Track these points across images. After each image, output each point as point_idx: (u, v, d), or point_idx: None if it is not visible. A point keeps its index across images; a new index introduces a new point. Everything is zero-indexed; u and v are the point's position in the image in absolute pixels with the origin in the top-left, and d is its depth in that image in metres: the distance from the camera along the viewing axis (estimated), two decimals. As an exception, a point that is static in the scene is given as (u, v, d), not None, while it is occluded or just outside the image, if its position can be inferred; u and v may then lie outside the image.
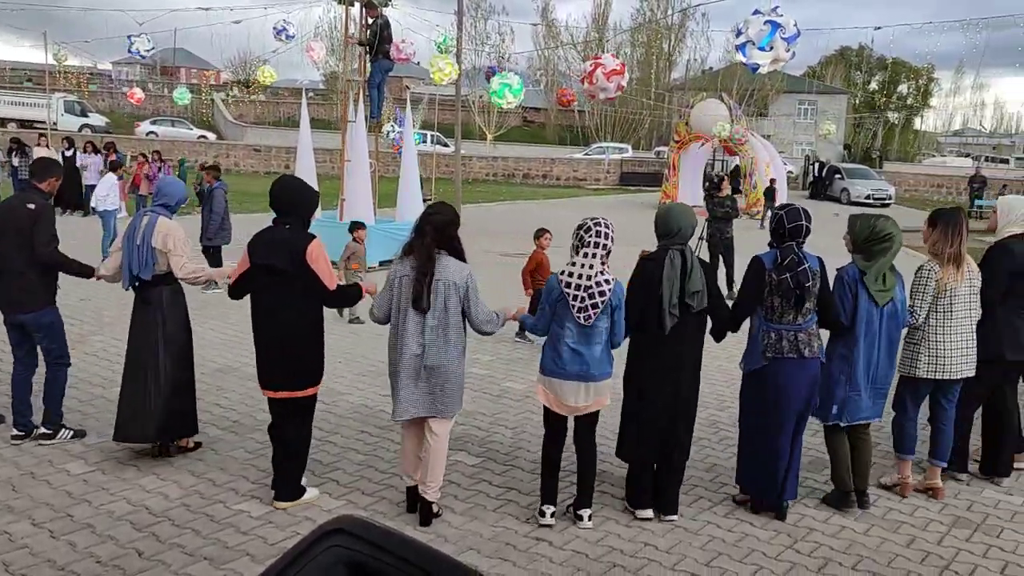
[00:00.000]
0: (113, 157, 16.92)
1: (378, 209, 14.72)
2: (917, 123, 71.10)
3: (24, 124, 36.53)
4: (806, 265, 4.67)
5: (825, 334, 5.02)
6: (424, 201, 16.19)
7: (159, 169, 19.11)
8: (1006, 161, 56.21)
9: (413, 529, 4.60)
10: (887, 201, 32.15)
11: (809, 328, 4.76)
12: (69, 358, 5.81)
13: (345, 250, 9.66)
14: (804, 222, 4.75)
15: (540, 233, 8.86)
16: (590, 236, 4.53)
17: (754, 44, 9.69)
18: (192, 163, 18.81)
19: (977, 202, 29.81)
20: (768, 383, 4.78)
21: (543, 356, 4.69)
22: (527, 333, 8.47)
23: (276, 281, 4.63)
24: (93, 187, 15.45)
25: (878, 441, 5.78)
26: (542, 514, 4.73)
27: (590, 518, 4.74)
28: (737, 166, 27.14)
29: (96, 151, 19.32)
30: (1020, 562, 4.54)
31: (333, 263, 5.03)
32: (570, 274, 4.51)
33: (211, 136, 42.82)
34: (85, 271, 5.69)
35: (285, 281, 4.62)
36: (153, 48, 23.81)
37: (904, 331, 5.22)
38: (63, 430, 5.69)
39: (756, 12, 9.82)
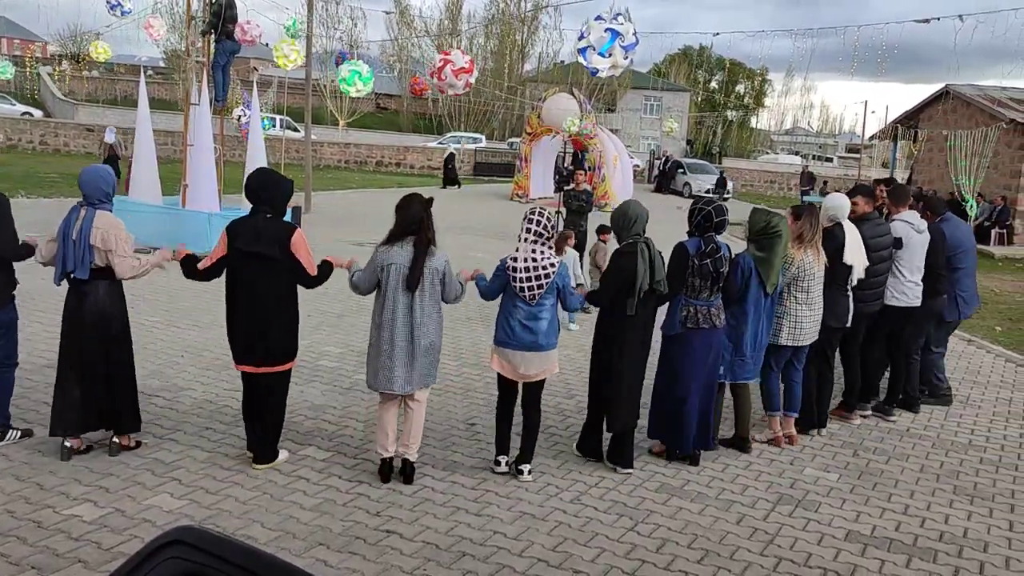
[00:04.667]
0: None
1: (223, 195, 14.15)
2: (753, 122, 75.28)
3: None
4: (722, 253, 5.52)
5: None
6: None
7: None
8: (830, 160, 60.43)
9: (365, 513, 4.52)
10: (726, 195, 33.86)
11: (718, 303, 5.65)
12: (17, 358, 5.49)
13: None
14: (727, 217, 5.61)
15: (601, 230, 9.72)
16: (531, 225, 5.17)
17: (595, 49, 10.00)
18: None
19: (805, 198, 31.84)
20: (685, 348, 5.60)
21: (496, 328, 5.28)
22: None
23: (260, 267, 4.96)
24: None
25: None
26: (497, 463, 5.39)
27: (530, 472, 5.36)
28: (576, 154, 27.75)
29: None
30: (835, 533, 4.95)
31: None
32: (514, 259, 5.13)
33: (37, 113, 39.81)
34: (30, 251, 5.34)
35: (269, 267, 4.96)
36: (-30, 16, 21.86)
37: None
38: (11, 431, 5.37)
39: (598, 18, 10.11)
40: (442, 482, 5.27)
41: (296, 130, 34.20)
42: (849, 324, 6.51)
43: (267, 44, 24.22)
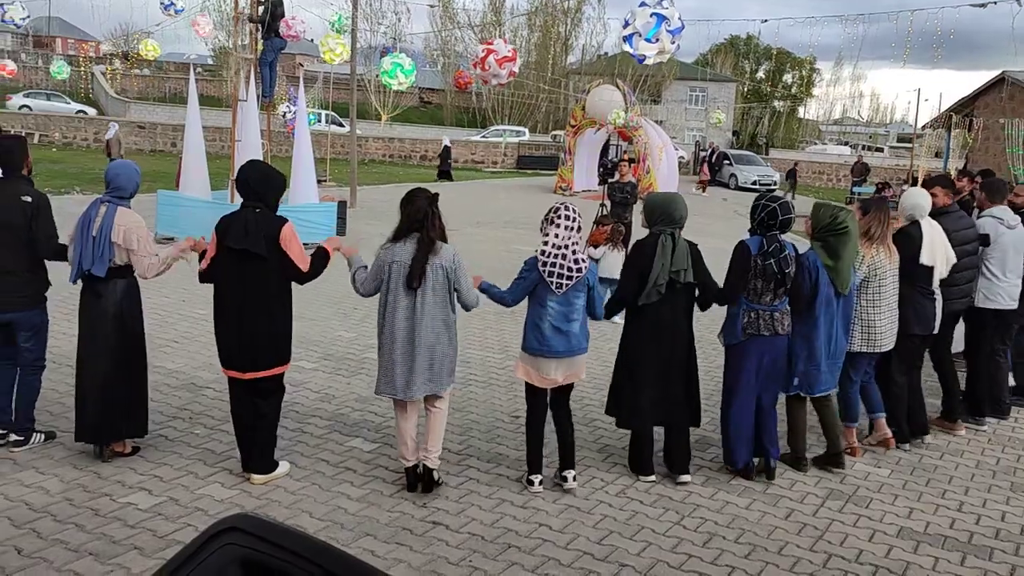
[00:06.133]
0: None
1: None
2: (801, 111, 74.07)
3: None
4: (787, 252, 5.15)
5: None
6: (319, 183, 15.92)
7: None
8: (880, 150, 59.20)
9: (411, 504, 4.58)
10: (772, 187, 33.38)
11: (783, 308, 5.27)
12: (45, 361, 5.44)
13: None
14: (793, 215, 5.26)
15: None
16: (558, 216, 4.94)
17: (640, 36, 9.88)
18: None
19: (855, 190, 30.98)
20: (747, 357, 5.25)
21: (526, 336, 5.00)
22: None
23: (249, 264, 4.73)
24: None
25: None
26: (530, 483, 5.08)
27: (575, 479, 5.13)
28: (608, 145, 27.54)
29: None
30: (886, 530, 4.86)
31: (305, 244, 5.10)
32: (544, 243, 4.92)
33: (91, 111, 40.70)
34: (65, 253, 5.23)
35: (258, 264, 4.73)
36: (28, 16, 22.39)
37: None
38: (35, 434, 5.35)
39: (643, 4, 9.98)
40: (487, 474, 5.29)
41: (341, 125, 34.50)
42: (936, 330, 6.12)
43: (312, 40, 24.50)
